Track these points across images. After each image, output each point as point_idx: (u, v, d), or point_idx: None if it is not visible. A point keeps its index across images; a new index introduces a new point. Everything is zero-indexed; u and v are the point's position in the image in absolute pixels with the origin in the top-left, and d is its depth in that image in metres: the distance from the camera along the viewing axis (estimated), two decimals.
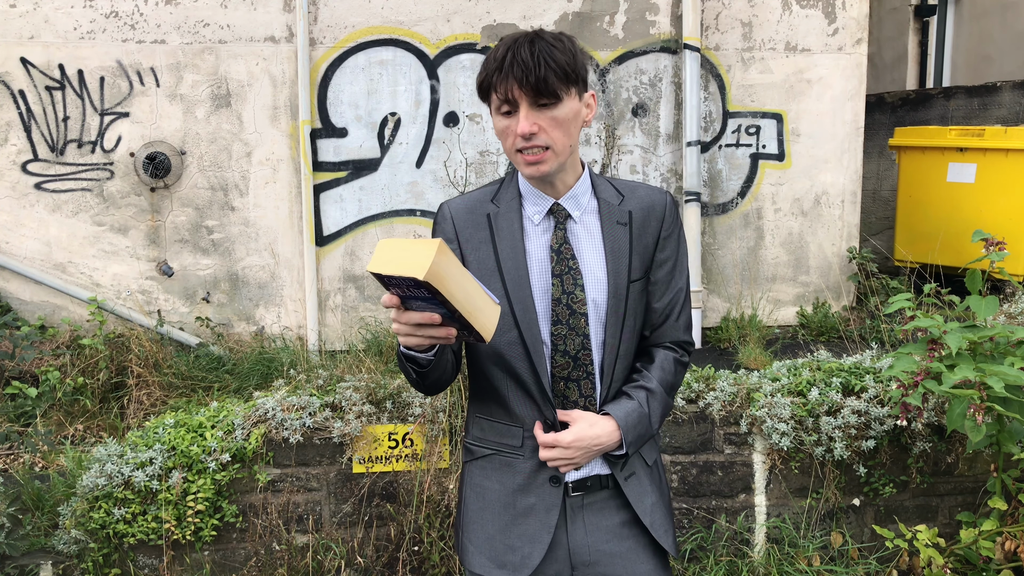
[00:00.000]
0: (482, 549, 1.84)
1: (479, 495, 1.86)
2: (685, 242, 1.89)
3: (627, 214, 1.80)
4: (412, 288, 1.41)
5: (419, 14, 4.89)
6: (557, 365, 1.77)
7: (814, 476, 3.51)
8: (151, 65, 4.75)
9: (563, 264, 1.76)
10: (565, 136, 1.68)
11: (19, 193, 4.75)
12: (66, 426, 4.08)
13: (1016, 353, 2.93)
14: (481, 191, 1.87)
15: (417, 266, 1.36)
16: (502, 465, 1.83)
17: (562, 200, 1.78)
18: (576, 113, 1.69)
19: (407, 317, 1.50)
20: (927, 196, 5.64)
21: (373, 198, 4.97)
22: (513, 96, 1.63)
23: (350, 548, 3.44)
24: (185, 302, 4.91)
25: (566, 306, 1.75)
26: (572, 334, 1.75)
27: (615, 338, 1.78)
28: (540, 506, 1.79)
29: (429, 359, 1.62)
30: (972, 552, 3.13)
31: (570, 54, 1.64)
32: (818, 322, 5.14)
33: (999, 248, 3.15)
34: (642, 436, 1.79)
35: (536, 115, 1.64)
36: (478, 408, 1.88)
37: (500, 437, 1.84)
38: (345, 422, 3.44)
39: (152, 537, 3.29)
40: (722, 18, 5.14)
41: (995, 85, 6.36)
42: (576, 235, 1.79)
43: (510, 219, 1.79)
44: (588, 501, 1.82)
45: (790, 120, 5.26)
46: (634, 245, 1.79)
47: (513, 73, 1.61)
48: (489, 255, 1.77)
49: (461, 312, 1.44)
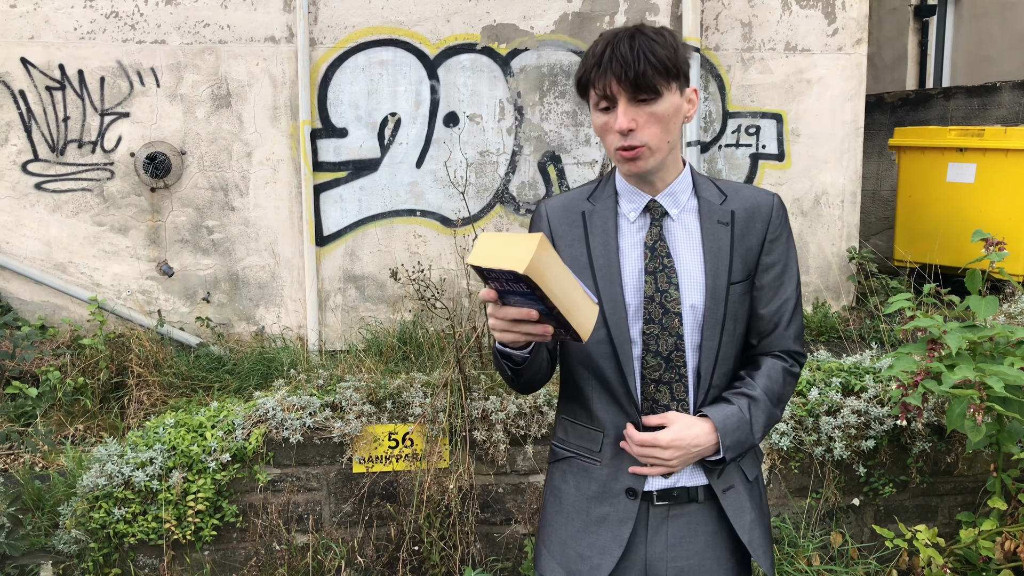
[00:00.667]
0: (554, 554, 1.79)
1: (556, 498, 1.82)
2: (794, 247, 1.80)
3: (729, 213, 1.73)
4: (511, 282, 1.39)
5: (419, 14, 4.89)
6: (648, 366, 1.70)
7: (814, 476, 3.51)
8: (151, 65, 4.75)
9: (657, 261, 1.70)
10: (664, 132, 1.63)
11: (19, 193, 4.75)
12: (66, 426, 4.08)
13: (1016, 353, 2.93)
14: (579, 190, 1.82)
15: (517, 260, 1.34)
16: (580, 469, 1.78)
17: (659, 197, 1.72)
18: (677, 109, 1.63)
19: (504, 312, 1.48)
20: (927, 196, 5.64)
21: (373, 198, 4.97)
22: (611, 92, 1.59)
23: (350, 548, 3.45)
24: (185, 302, 4.91)
25: (659, 304, 1.69)
26: (665, 334, 1.69)
27: (713, 341, 1.70)
28: (614, 517, 1.72)
29: (524, 356, 1.60)
30: (972, 552, 3.13)
31: (671, 48, 1.59)
32: (818, 322, 5.14)
33: (999, 248, 3.16)
34: (741, 443, 1.70)
35: (635, 111, 1.60)
36: (564, 409, 1.84)
37: (580, 440, 1.78)
38: (345, 422, 3.44)
39: (152, 537, 3.29)
40: (722, 18, 5.14)
41: (995, 85, 6.36)
42: (673, 233, 1.72)
43: (604, 216, 1.74)
44: (674, 513, 1.74)
45: (790, 120, 5.26)
46: (735, 246, 1.72)
47: (612, 68, 1.57)
48: (582, 252, 1.73)
49: (559, 309, 1.41)
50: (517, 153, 5.04)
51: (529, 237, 1.37)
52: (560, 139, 5.06)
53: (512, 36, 4.96)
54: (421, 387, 3.63)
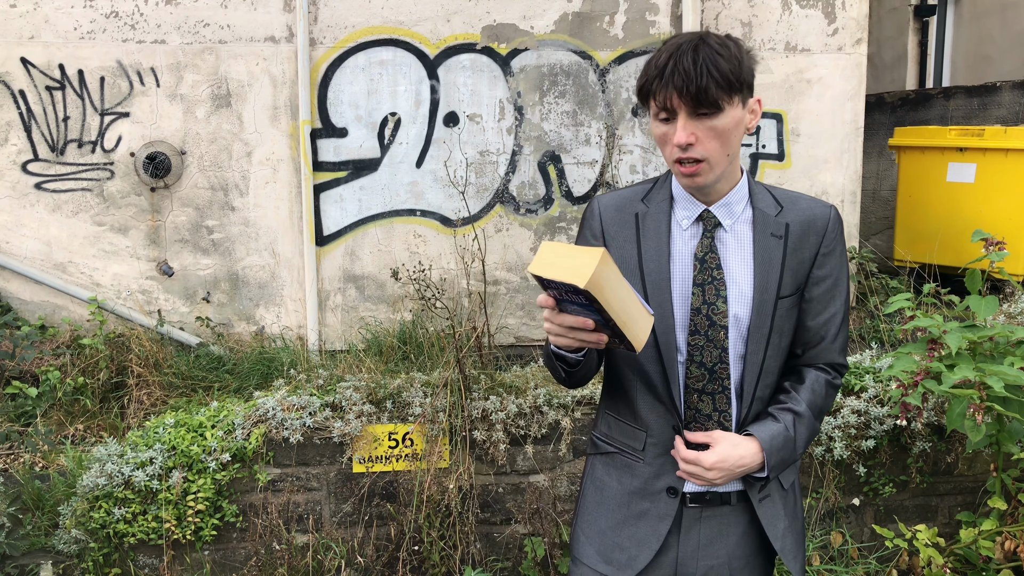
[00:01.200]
0: (592, 541, 1.84)
1: (598, 489, 1.86)
2: (847, 261, 1.80)
3: (784, 226, 1.72)
4: (570, 293, 1.43)
5: (419, 14, 4.89)
6: (692, 376, 1.72)
7: (814, 476, 3.52)
8: (151, 65, 4.75)
9: (706, 273, 1.70)
10: (723, 147, 1.61)
11: (19, 193, 4.75)
12: (66, 426, 4.08)
13: (1016, 353, 2.93)
14: (633, 189, 1.82)
15: (579, 274, 1.38)
16: (623, 465, 1.82)
17: (713, 207, 1.71)
18: (738, 122, 1.62)
19: (561, 319, 1.52)
20: (927, 196, 5.64)
21: (373, 198, 4.97)
22: (672, 105, 1.58)
23: (350, 548, 3.45)
24: (185, 302, 4.91)
25: (705, 317, 1.70)
26: (710, 346, 1.70)
27: (757, 355, 1.71)
28: (653, 513, 1.77)
29: (578, 359, 1.64)
30: (972, 552, 3.13)
31: (735, 61, 1.59)
32: None
33: (999, 248, 3.16)
34: (785, 461, 1.73)
35: (694, 125, 1.59)
36: (608, 405, 1.87)
37: (624, 437, 1.82)
38: (345, 422, 3.44)
39: (152, 537, 3.29)
40: (722, 18, 5.14)
41: (995, 85, 6.36)
42: (725, 244, 1.72)
43: (658, 221, 1.74)
44: (706, 515, 1.78)
45: (790, 120, 5.26)
46: (788, 259, 1.71)
47: (674, 81, 1.56)
48: (633, 255, 1.74)
49: (616, 321, 1.45)
50: (517, 153, 5.04)
51: (591, 251, 1.40)
52: (560, 139, 5.06)
53: (512, 36, 4.96)
54: (421, 387, 3.63)
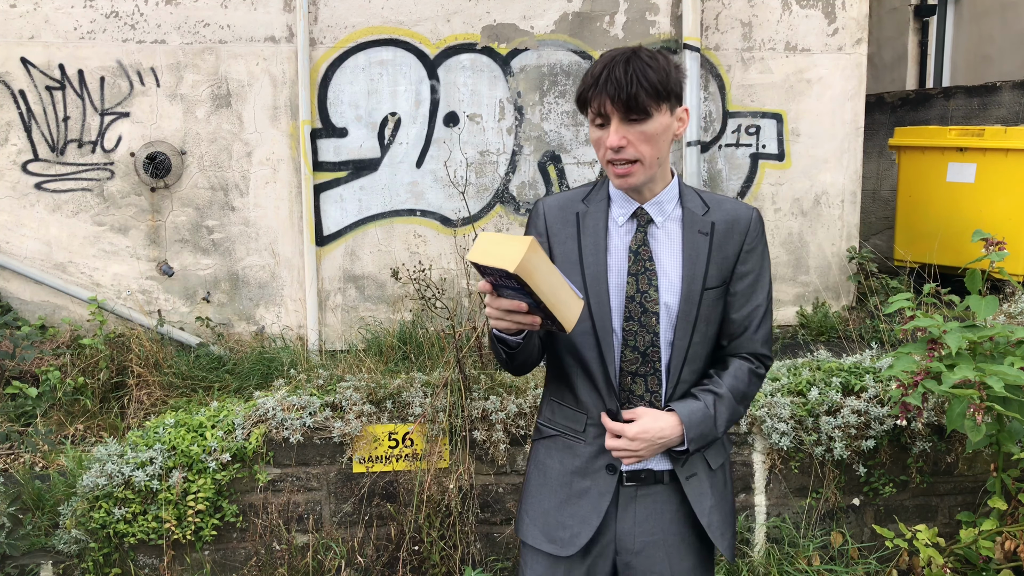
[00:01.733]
0: (536, 522, 1.96)
1: (541, 472, 1.98)
2: (769, 258, 1.96)
3: (710, 224, 1.89)
4: (504, 278, 1.58)
5: (419, 14, 4.89)
6: (626, 359, 1.86)
7: (814, 476, 3.52)
8: (151, 65, 4.75)
9: (640, 264, 1.86)
10: (654, 150, 1.78)
11: (19, 193, 4.75)
12: (66, 426, 4.08)
13: (1016, 353, 2.93)
14: (575, 191, 1.98)
15: (509, 260, 1.53)
16: (564, 447, 1.94)
17: (646, 205, 1.88)
18: (666, 128, 1.78)
19: (498, 303, 1.67)
20: (927, 196, 5.64)
21: (373, 198, 4.97)
22: (605, 111, 1.75)
23: (350, 548, 3.45)
24: (185, 302, 4.91)
25: (639, 304, 1.85)
26: (643, 331, 1.85)
27: (684, 340, 1.86)
28: (594, 490, 1.89)
29: (518, 342, 1.77)
30: (972, 552, 3.13)
31: (663, 72, 1.74)
32: (818, 322, 5.14)
33: (999, 248, 3.16)
34: (704, 436, 1.86)
35: (626, 129, 1.75)
36: (551, 392, 2.00)
37: (566, 420, 1.95)
38: (345, 422, 3.44)
39: (152, 537, 3.29)
40: (722, 18, 5.14)
41: (995, 85, 6.36)
42: (656, 239, 1.88)
43: (596, 219, 1.90)
44: (641, 493, 1.91)
45: (790, 120, 5.26)
46: (713, 255, 1.87)
47: (607, 90, 1.72)
48: (573, 250, 1.89)
49: (546, 304, 1.60)
50: (517, 153, 5.04)
51: (522, 239, 1.55)
52: (560, 139, 5.06)
53: (512, 36, 4.96)
54: (421, 387, 3.63)
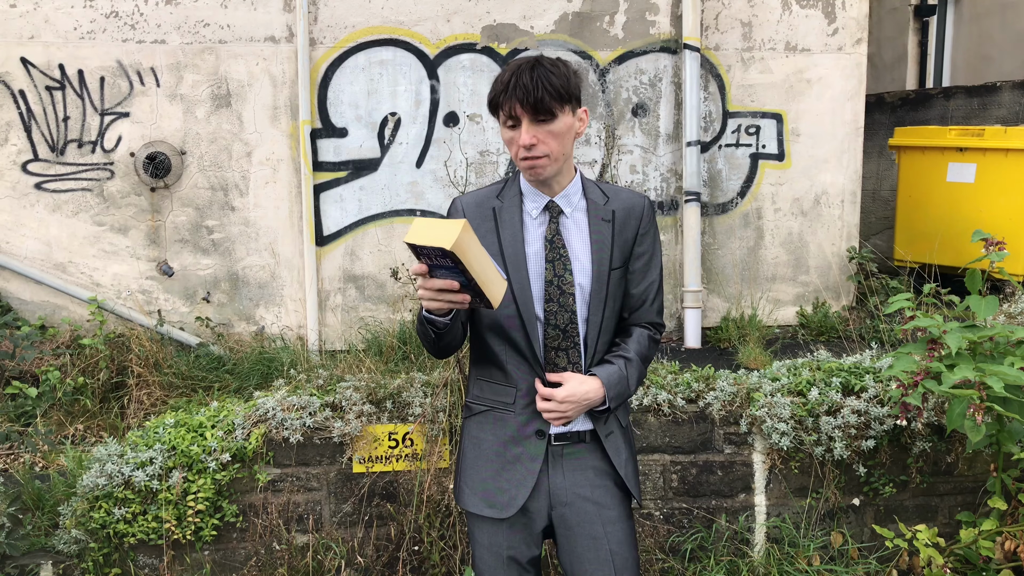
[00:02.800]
0: (475, 490, 2.15)
1: (475, 445, 2.18)
2: (659, 240, 2.22)
3: (611, 212, 2.12)
4: (439, 257, 1.72)
5: (419, 14, 4.89)
6: (549, 336, 2.09)
7: (814, 476, 3.52)
8: (151, 65, 4.75)
9: (555, 252, 2.08)
10: (560, 146, 2.00)
11: (19, 193, 4.75)
12: (66, 426, 4.08)
13: (1016, 353, 2.93)
14: (488, 189, 2.18)
15: (445, 239, 1.67)
16: (496, 420, 2.15)
17: (556, 198, 2.10)
18: (569, 127, 2.01)
19: (431, 283, 1.81)
20: (927, 196, 5.64)
21: (373, 198, 4.97)
22: (516, 113, 1.95)
23: (350, 548, 3.45)
24: (185, 302, 4.91)
25: (557, 287, 2.07)
26: (562, 311, 2.07)
27: (598, 315, 2.10)
28: (526, 455, 2.11)
29: (446, 323, 1.93)
30: (972, 552, 3.13)
31: (564, 78, 1.95)
32: (818, 322, 5.14)
33: (999, 248, 3.15)
34: (621, 395, 2.11)
35: (535, 129, 1.96)
36: (478, 372, 2.20)
37: (496, 396, 2.15)
38: (345, 422, 3.44)
39: (152, 537, 3.29)
40: (722, 18, 5.14)
41: (995, 85, 6.36)
42: (567, 228, 2.11)
43: (512, 213, 2.11)
44: (568, 452, 2.14)
45: (790, 120, 5.26)
46: (615, 239, 2.11)
47: (516, 95, 1.93)
48: (493, 243, 2.08)
49: (477, 280, 1.75)
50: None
51: (455, 221, 1.70)
52: None
53: (512, 36, 4.96)
54: (421, 387, 3.63)
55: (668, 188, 5.19)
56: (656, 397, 3.55)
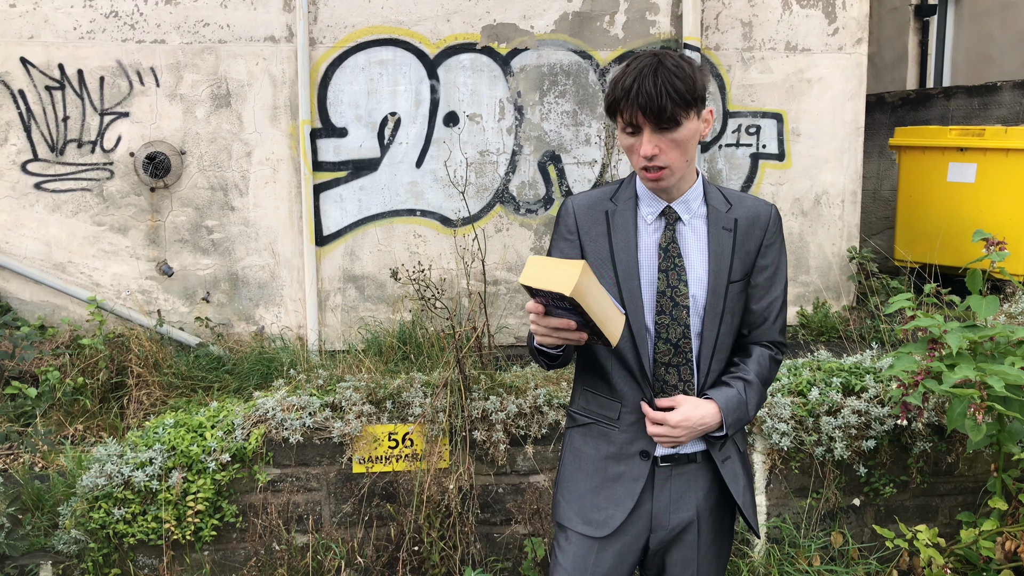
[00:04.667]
0: (572, 505, 2.05)
1: (576, 457, 2.07)
2: (786, 252, 2.07)
3: (733, 221, 1.98)
4: (556, 300, 1.66)
5: (419, 14, 4.89)
6: (659, 351, 1.96)
7: (814, 476, 3.51)
8: (151, 65, 4.75)
9: (670, 261, 1.95)
10: (682, 155, 1.87)
11: (19, 193, 4.74)
12: (66, 426, 4.08)
13: (1016, 353, 2.93)
14: (602, 189, 2.06)
15: (564, 284, 1.61)
16: (599, 434, 2.03)
17: (674, 204, 1.97)
18: (695, 132, 1.87)
19: (547, 321, 1.74)
20: (927, 196, 5.63)
21: (373, 198, 4.97)
22: (637, 122, 1.82)
23: (350, 548, 3.44)
24: (185, 302, 4.91)
25: (670, 299, 1.94)
26: (674, 324, 1.94)
27: (712, 331, 1.96)
28: (628, 475, 1.99)
29: (559, 353, 1.88)
30: (972, 552, 3.13)
31: (690, 80, 1.80)
32: (818, 322, 5.13)
33: (999, 248, 3.15)
34: (740, 420, 1.98)
35: (658, 138, 1.83)
36: (584, 382, 2.09)
37: (601, 409, 2.03)
38: (345, 422, 3.44)
39: (152, 537, 3.28)
40: (722, 18, 5.14)
41: (995, 85, 6.36)
42: (684, 236, 1.97)
43: (626, 217, 1.98)
44: (675, 473, 2.01)
45: (790, 120, 5.25)
46: (736, 250, 1.97)
47: (638, 103, 1.78)
48: (604, 247, 1.97)
49: (595, 321, 1.69)
50: (517, 153, 5.04)
51: (572, 263, 1.63)
52: (560, 139, 5.06)
53: (512, 36, 4.96)
54: (421, 387, 3.62)
55: None
56: None
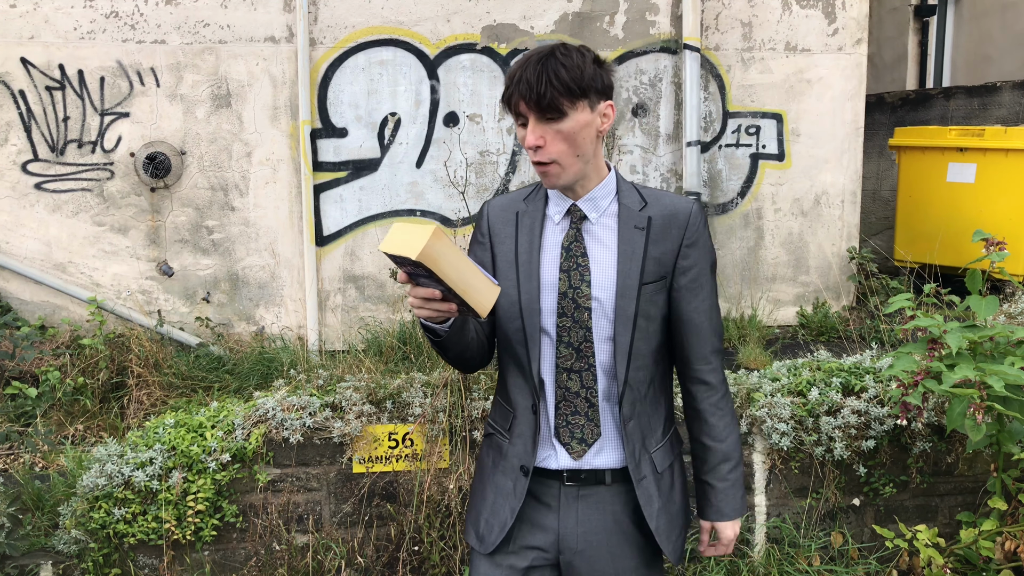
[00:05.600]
0: (472, 521, 1.99)
1: (480, 470, 2.03)
2: (713, 253, 1.94)
3: (646, 219, 1.87)
4: (414, 267, 1.58)
5: (419, 14, 4.89)
6: (561, 356, 1.86)
7: (814, 476, 3.51)
8: (151, 65, 4.75)
9: (572, 260, 1.86)
10: (571, 148, 1.76)
11: (19, 193, 4.75)
12: (66, 426, 4.08)
13: (1016, 352, 2.93)
14: (519, 191, 2.00)
15: (413, 248, 1.53)
16: (496, 446, 1.98)
17: (580, 202, 1.88)
18: (585, 125, 1.75)
19: (416, 291, 1.65)
20: (927, 196, 5.64)
21: (373, 198, 4.97)
22: (521, 111, 1.75)
23: (350, 548, 3.44)
24: (185, 302, 4.91)
25: (571, 300, 1.85)
26: (576, 327, 1.85)
27: (625, 336, 1.84)
28: (511, 490, 1.91)
29: (444, 331, 1.75)
30: (972, 552, 3.13)
31: (577, 70, 1.71)
32: (818, 322, 5.13)
33: (999, 248, 3.15)
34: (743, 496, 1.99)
35: (543, 128, 1.74)
36: (496, 390, 2.03)
37: (500, 418, 1.98)
38: (345, 422, 3.44)
39: (152, 537, 3.29)
40: (722, 18, 5.14)
41: (995, 85, 6.36)
42: (591, 234, 1.88)
43: (533, 217, 1.92)
44: (583, 493, 1.90)
45: (790, 120, 5.26)
46: (649, 249, 1.85)
47: (519, 90, 1.72)
48: (511, 248, 1.91)
49: (455, 290, 1.60)
50: (517, 153, 5.04)
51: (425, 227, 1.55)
52: None
53: (512, 36, 4.96)
54: (421, 387, 3.62)
55: (668, 188, 5.19)
56: None
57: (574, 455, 1.88)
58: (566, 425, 1.88)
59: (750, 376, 3.69)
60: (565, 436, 1.89)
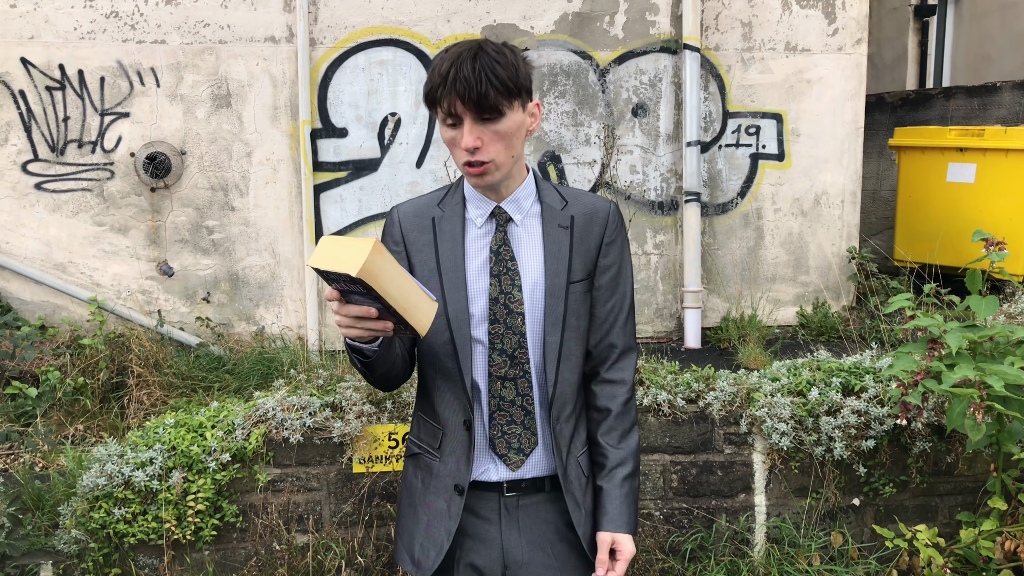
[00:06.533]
0: (404, 544, 1.90)
1: (408, 492, 1.93)
2: (629, 250, 1.93)
3: (569, 218, 1.84)
4: (349, 283, 1.48)
5: (419, 14, 4.89)
6: (494, 364, 1.80)
7: (814, 476, 3.51)
8: (151, 65, 4.75)
9: (502, 265, 1.80)
10: (507, 148, 1.71)
11: (19, 193, 4.75)
12: (66, 426, 4.08)
13: (1016, 352, 2.93)
14: (431, 195, 1.91)
15: (352, 264, 1.43)
16: (425, 465, 1.89)
17: (504, 204, 1.82)
18: (519, 125, 1.72)
19: (347, 310, 1.55)
20: (927, 196, 5.64)
21: (373, 198, 4.97)
22: (456, 111, 1.65)
23: (350, 548, 3.45)
24: (185, 302, 4.91)
25: (503, 306, 1.79)
26: (509, 333, 1.79)
27: (555, 336, 1.80)
28: (445, 511, 1.83)
29: (373, 350, 1.66)
30: (972, 552, 3.13)
31: (512, 68, 1.66)
32: (818, 322, 5.14)
33: (999, 248, 3.15)
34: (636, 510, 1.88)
35: (480, 129, 1.67)
36: (418, 406, 1.95)
37: (427, 436, 1.90)
38: (345, 422, 3.44)
39: (152, 537, 3.29)
40: (722, 18, 5.14)
41: (995, 85, 6.36)
42: (516, 237, 1.82)
43: (453, 222, 1.83)
44: (524, 503, 1.86)
45: (790, 120, 5.26)
46: (575, 248, 1.82)
47: (456, 89, 1.62)
48: (431, 257, 1.82)
49: (395, 307, 1.51)
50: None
51: (365, 241, 1.45)
52: (560, 139, 5.06)
53: (512, 36, 4.96)
54: None
55: (668, 188, 5.19)
56: (656, 397, 3.55)
57: (512, 466, 1.82)
58: (502, 436, 1.82)
59: (750, 376, 3.69)
60: (502, 447, 1.82)
